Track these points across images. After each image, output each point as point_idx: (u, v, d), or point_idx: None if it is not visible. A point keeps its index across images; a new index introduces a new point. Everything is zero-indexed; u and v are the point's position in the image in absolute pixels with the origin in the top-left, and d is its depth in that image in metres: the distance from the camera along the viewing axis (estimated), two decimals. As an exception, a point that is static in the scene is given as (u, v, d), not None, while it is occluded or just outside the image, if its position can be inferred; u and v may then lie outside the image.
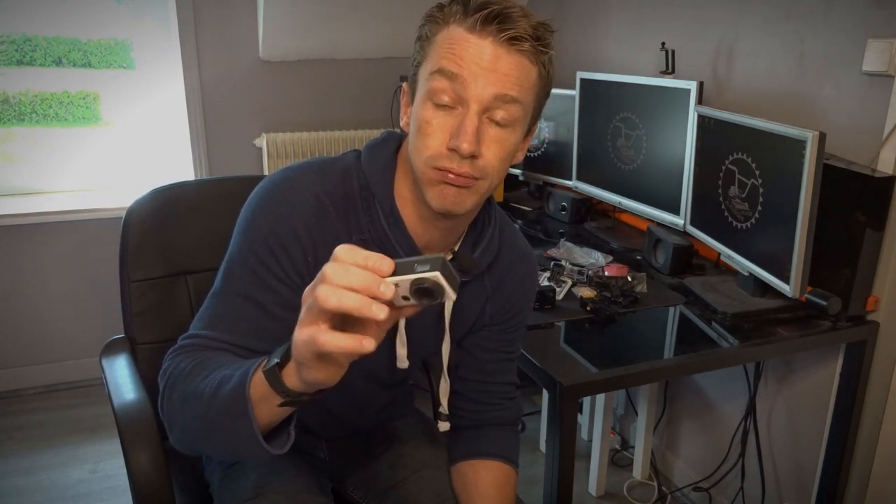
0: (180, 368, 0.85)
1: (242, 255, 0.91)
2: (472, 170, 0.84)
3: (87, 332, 2.74)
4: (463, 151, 0.82)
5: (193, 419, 0.82)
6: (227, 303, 0.91)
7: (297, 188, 0.91)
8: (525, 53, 0.82)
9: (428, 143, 0.84)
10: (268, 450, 0.76)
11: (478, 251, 1.00)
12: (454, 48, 0.82)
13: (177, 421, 0.85)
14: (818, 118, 1.66)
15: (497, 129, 0.84)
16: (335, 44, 2.75)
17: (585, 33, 2.54)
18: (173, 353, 0.90)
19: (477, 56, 0.81)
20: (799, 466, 1.82)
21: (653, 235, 1.89)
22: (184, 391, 0.83)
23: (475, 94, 0.82)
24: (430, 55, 0.85)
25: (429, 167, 0.85)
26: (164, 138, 2.79)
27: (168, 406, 0.86)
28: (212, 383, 0.79)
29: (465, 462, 1.12)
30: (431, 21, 0.86)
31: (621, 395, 2.45)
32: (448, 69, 0.82)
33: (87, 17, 2.64)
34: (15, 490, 2.17)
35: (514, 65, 0.82)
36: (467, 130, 0.81)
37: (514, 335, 1.13)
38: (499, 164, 0.86)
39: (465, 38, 0.82)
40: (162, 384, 0.87)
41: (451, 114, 0.83)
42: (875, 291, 1.56)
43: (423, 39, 0.87)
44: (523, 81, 0.84)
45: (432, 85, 0.83)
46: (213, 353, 0.88)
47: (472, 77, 0.81)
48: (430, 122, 0.84)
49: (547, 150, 2.45)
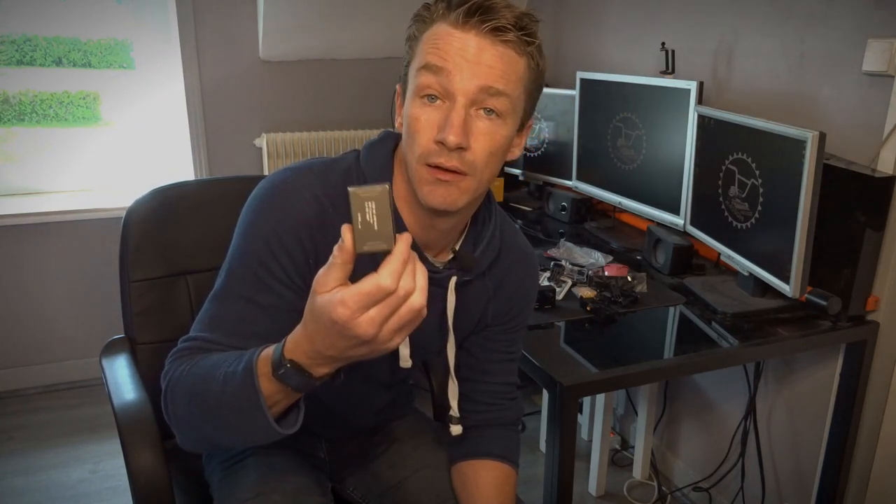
0: (181, 371, 0.86)
1: (244, 258, 0.91)
2: (460, 163, 0.84)
3: (87, 332, 2.74)
4: (450, 144, 0.81)
5: (202, 418, 0.84)
6: (227, 305, 0.91)
7: (297, 189, 0.91)
8: (510, 44, 0.82)
9: (418, 140, 0.84)
10: (281, 432, 0.79)
11: (479, 250, 1.00)
12: (438, 43, 0.83)
13: (184, 422, 0.86)
14: (818, 118, 1.66)
15: (485, 121, 0.84)
16: (335, 44, 2.75)
17: (585, 33, 2.54)
18: (173, 356, 0.90)
19: (461, 49, 0.81)
20: (799, 466, 1.82)
21: (653, 235, 1.89)
22: (189, 392, 0.84)
23: (460, 86, 0.82)
24: (416, 53, 0.86)
25: (421, 165, 0.85)
26: (164, 138, 2.79)
27: (172, 409, 0.87)
28: (217, 380, 0.80)
29: (466, 462, 1.12)
30: (419, 20, 0.87)
31: (621, 395, 2.45)
32: (433, 63, 0.82)
33: (87, 17, 2.64)
34: (15, 490, 2.17)
35: (499, 56, 0.82)
36: (453, 123, 0.81)
37: (515, 335, 1.13)
38: (488, 157, 0.85)
39: (450, 32, 0.82)
40: (164, 386, 0.88)
41: (438, 108, 0.84)
42: (875, 291, 1.56)
43: (412, 39, 0.88)
44: (510, 74, 0.83)
45: (419, 81, 0.84)
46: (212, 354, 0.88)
47: (456, 69, 0.81)
48: (419, 119, 0.84)
49: (547, 150, 2.45)
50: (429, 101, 0.83)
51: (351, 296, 0.66)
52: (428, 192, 0.86)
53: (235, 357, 0.81)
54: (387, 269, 0.67)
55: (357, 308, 0.67)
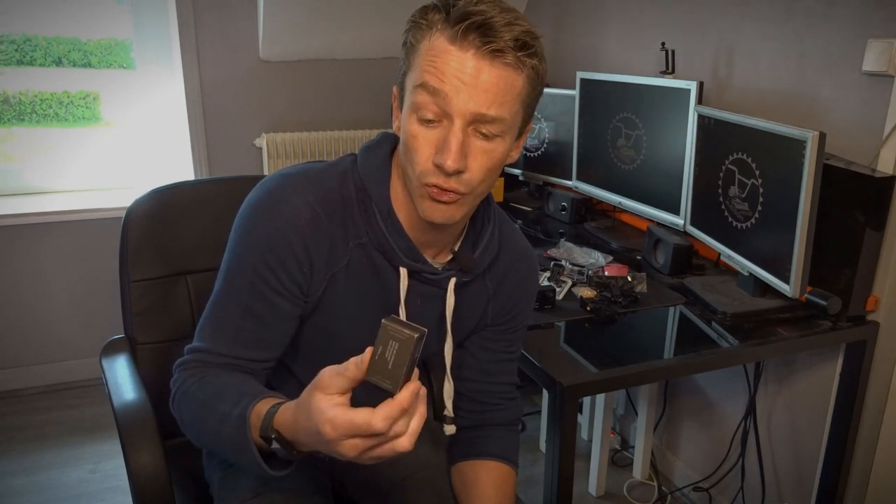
0: (188, 385, 0.92)
1: (239, 267, 0.93)
2: (458, 185, 0.84)
3: (87, 332, 2.74)
4: (448, 169, 0.82)
5: (204, 438, 0.91)
6: (227, 314, 0.94)
7: (290, 199, 0.92)
8: (509, 66, 0.81)
9: (415, 158, 0.85)
10: (273, 475, 0.83)
11: (478, 250, 1.00)
12: (435, 61, 0.81)
13: (189, 432, 0.94)
14: (818, 118, 1.66)
15: (482, 141, 0.84)
16: (335, 44, 2.76)
17: (585, 33, 2.54)
18: (181, 367, 0.95)
19: (458, 70, 0.80)
20: (799, 466, 1.82)
21: (653, 235, 1.89)
22: (192, 414, 0.91)
23: (458, 108, 0.81)
24: (413, 64, 0.84)
25: (419, 182, 0.86)
26: (164, 138, 2.79)
27: (178, 416, 0.95)
28: (215, 418, 0.86)
29: (466, 462, 1.12)
30: (415, 27, 0.85)
31: (621, 395, 2.45)
32: (430, 84, 0.81)
33: (87, 17, 2.64)
34: (15, 490, 2.17)
35: (497, 77, 0.81)
36: (451, 147, 0.81)
37: (515, 335, 1.13)
38: (485, 174, 0.86)
39: (447, 49, 0.80)
40: (173, 391, 0.95)
41: (435, 128, 0.83)
42: (875, 291, 1.56)
43: (408, 46, 0.86)
44: (506, 95, 0.82)
45: (416, 99, 0.83)
46: (215, 372, 0.93)
47: (454, 92, 0.80)
48: (417, 137, 0.84)
49: (547, 150, 2.45)
50: (424, 118, 0.83)
51: (342, 421, 0.71)
52: (427, 207, 0.87)
53: (234, 396, 0.86)
54: (383, 411, 0.70)
55: (343, 434, 0.71)
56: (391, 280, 0.97)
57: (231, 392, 0.87)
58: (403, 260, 0.95)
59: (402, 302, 0.97)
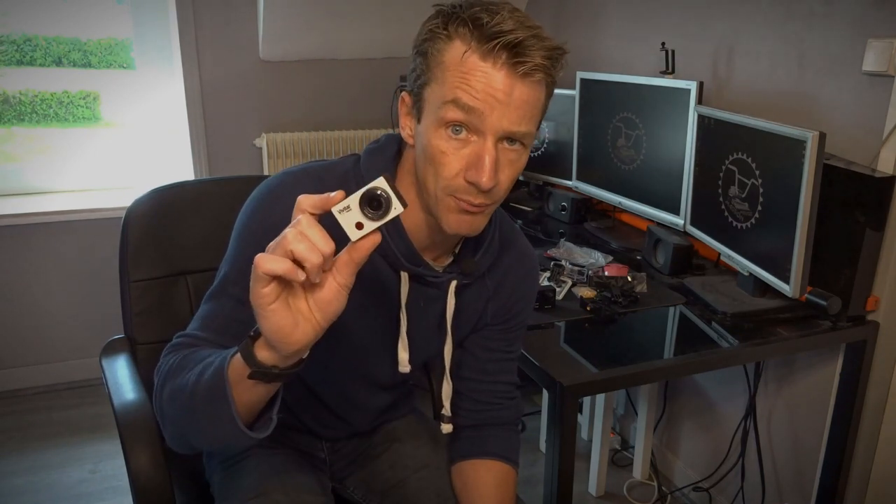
0: (169, 364, 0.88)
1: (237, 260, 0.92)
2: (487, 198, 0.86)
3: (87, 332, 2.74)
4: (483, 187, 0.82)
5: (180, 410, 0.85)
6: (220, 304, 0.93)
7: (292, 194, 0.91)
8: (537, 83, 0.83)
9: (443, 173, 0.84)
10: (246, 432, 0.78)
11: (479, 253, 1.00)
12: (468, 78, 0.81)
13: (167, 416, 0.87)
14: (818, 118, 1.66)
15: (510, 152, 0.85)
16: (335, 44, 2.76)
17: (585, 33, 2.54)
18: (166, 351, 0.92)
19: (491, 87, 0.80)
20: (799, 466, 1.82)
21: (653, 235, 1.89)
22: (172, 386, 0.85)
23: (491, 126, 0.82)
24: (439, 78, 0.83)
25: (445, 195, 0.86)
26: (164, 138, 2.79)
27: (159, 403, 0.88)
28: (195, 373, 0.81)
29: (466, 462, 1.12)
30: (434, 37, 0.84)
31: (621, 395, 2.45)
32: (464, 101, 0.81)
33: (87, 17, 2.64)
34: (15, 490, 2.17)
35: (527, 95, 0.82)
36: (486, 166, 0.82)
37: (515, 335, 1.13)
38: (510, 184, 0.88)
39: (479, 66, 0.81)
40: (156, 381, 0.90)
41: (465, 143, 0.83)
42: (875, 291, 1.56)
43: (429, 57, 0.84)
44: (535, 108, 0.84)
45: (447, 115, 0.82)
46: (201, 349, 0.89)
47: (488, 110, 0.81)
48: (446, 153, 0.84)
49: (547, 150, 2.45)
50: (454, 133, 0.83)
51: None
52: (454, 220, 0.88)
53: (219, 353, 0.82)
54: None
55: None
56: (392, 283, 0.97)
57: (216, 352, 0.84)
58: (404, 264, 0.95)
59: (404, 307, 0.97)
